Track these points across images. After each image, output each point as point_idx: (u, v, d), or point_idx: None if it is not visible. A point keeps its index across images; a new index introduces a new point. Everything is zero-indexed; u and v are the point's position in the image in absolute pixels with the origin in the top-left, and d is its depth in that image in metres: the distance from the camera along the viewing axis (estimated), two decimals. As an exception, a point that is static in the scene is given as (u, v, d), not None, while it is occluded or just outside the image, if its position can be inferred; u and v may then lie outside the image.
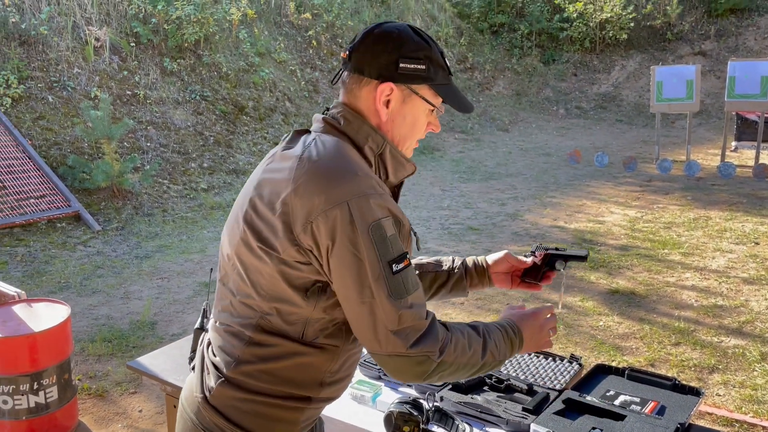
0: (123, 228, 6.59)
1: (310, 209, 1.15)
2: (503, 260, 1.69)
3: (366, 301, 1.16)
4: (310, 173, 1.18)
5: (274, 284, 1.20)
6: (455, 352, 1.23)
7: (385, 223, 1.16)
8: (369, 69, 1.28)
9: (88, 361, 3.89)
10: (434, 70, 1.29)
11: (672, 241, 6.04)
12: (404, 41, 1.27)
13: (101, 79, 8.63)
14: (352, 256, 1.15)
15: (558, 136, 12.47)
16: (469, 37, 15.72)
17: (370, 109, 1.30)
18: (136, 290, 5.09)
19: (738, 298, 4.68)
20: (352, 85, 1.30)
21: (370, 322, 1.17)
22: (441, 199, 7.98)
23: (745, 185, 8.19)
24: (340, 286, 1.18)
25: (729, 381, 3.55)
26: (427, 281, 1.64)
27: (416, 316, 1.18)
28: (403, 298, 1.16)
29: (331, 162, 1.19)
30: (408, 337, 1.17)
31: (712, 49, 14.75)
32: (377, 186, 1.19)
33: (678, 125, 12.84)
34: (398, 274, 1.17)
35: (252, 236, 1.22)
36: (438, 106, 1.34)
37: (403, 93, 1.29)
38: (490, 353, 1.30)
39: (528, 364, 2.04)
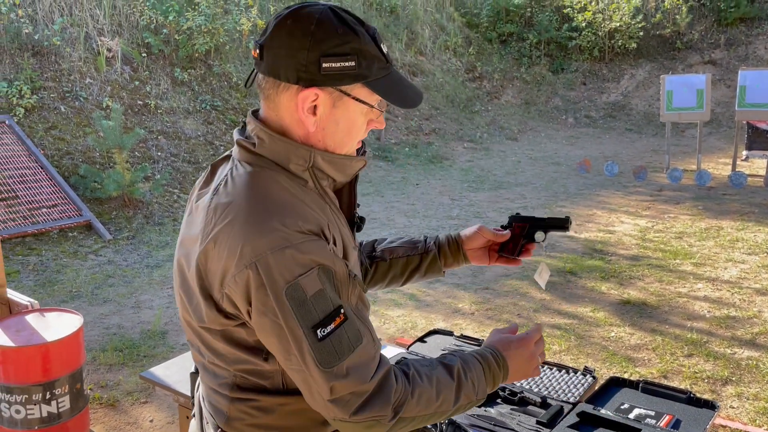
0: (134, 237, 6.63)
1: (222, 273, 1.03)
2: (477, 235, 1.55)
3: (295, 368, 1.04)
4: (217, 229, 1.04)
5: (229, 351, 1.10)
6: (418, 406, 1.09)
7: (305, 282, 1.00)
8: (285, 71, 1.07)
9: (100, 371, 3.91)
10: (366, 65, 1.08)
11: (683, 251, 6.00)
12: (325, 34, 1.05)
13: (113, 89, 8.70)
14: (271, 322, 1.01)
15: (567, 145, 12.45)
16: (477, 47, 15.75)
17: (294, 119, 1.11)
18: (146, 299, 5.11)
19: (751, 309, 4.64)
20: (269, 91, 1.11)
21: (305, 389, 1.05)
22: (450, 208, 7.98)
23: (756, 195, 8.13)
24: (267, 346, 1.06)
25: (743, 393, 3.52)
26: (399, 267, 1.52)
27: (355, 383, 1.03)
28: (334, 366, 1.01)
29: (240, 211, 1.04)
30: (348, 405, 1.03)
31: (722, 58, 14.71)
32: (298, 231, 1.02)
33: (688, 134, 12.79)
34: (326, 339, 1.01)
35: (189, 306, 1.13)
36: (377, 104, 1.14)
37: (332, 96, 1.09)
38: (465, 396, 1.15)
39: (541, 377, 2.03)
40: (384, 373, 1.07)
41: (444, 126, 12.65)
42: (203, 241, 1.06)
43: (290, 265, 0.99)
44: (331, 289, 1.03)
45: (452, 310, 4.80)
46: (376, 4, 14.13)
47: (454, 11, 16.09)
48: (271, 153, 1.11)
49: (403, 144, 11.44)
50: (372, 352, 1.07)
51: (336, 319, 1.02)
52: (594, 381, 2.02)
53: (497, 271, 5.51)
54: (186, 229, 1.17)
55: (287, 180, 1.10)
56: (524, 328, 4.39)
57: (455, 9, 16.18)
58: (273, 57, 1.07)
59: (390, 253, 1.53)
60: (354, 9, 13.26)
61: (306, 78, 1.06)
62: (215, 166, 1.21)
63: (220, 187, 1.10)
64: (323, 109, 1.09)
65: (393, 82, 1.13)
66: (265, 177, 1.09)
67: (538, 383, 1.99)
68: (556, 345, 4.15)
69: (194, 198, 1.19)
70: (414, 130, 12.01)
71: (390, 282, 1.54)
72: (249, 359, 1.10)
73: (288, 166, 1.11)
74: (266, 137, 1.11)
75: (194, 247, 1.08)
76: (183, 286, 1.15)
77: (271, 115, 1.13)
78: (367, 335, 1.07)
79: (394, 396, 1.06)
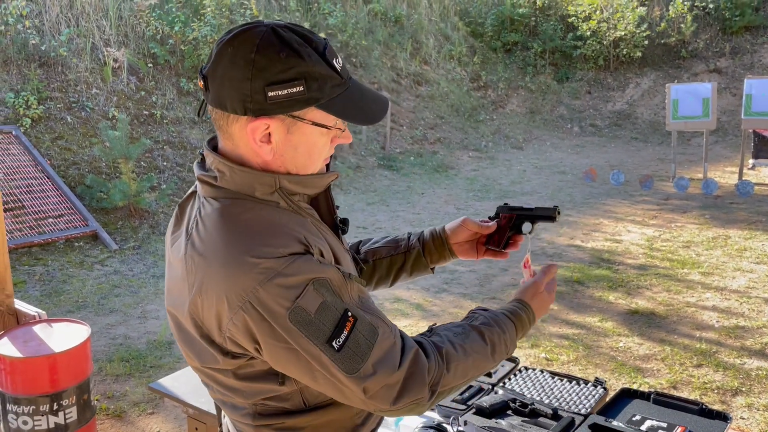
0: (140, 247, 6.64)
1: (218, 318, 1.01)
2: (462, 228, 1.48)
3: (324, 382, 1.03)
4: (200, 277, 1.02)
5: (244, 386, 1.09)
6: (455, 379, 1.10)
7: (304, 302, 0.98)
8: (231, 103, 1.02)
9: (106, 381, 3.90)
10: (318, 86, 1.02)
11: (691, 261, 5.97)
12: (267, 61, 1.00)
13: (119, 99, 8.74)
14: (285, 350, 1.00)
15: (573, 154, 12.43)
16: (482, 56, 15.78)
17: (249, 148, 1.06)
18: (153, 309, 5.10)
19: (760, 318, 4.61)
20: (220, 122, 1.06)
21: (340, 396, 1.05)
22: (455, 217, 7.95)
23: (763, 204, 8.10)
24: (288, 373, 1.05)
25: (753, 404, 3.48)
26: (383, 268, 1.48)
27: (384, 376, 1.02)
28: (360, 368, 1.01)
29: (219, 253, 1.01)
30: (386, 397, 1.03)
31: (728, 66, 14.69)
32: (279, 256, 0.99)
33: (694, 143, 12.76)
34: (344, 347, 1.00)
35: (193, 355, 1.11)
36: (336, 124, 1.09)
37: (285, 123, 1.04)
38: (498, 355, 1.18)
39: (552, 388, 2.01)
40: (412, 357, 1.05)
41: (449, 135, 12.66)
42: (189, 292, 1.04)
43: (283, 292, 0.97)
44: (332, 297, 1.01)
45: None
46: (380, 14, 14.18)
47: (459, 21, 16.13)
48: (234, 185, 1.08)
49: (408, 153, 11.44)
50: (392, 339, 1.06)
51: (347, 324, 1.00)
52: (605, 392, 2.00)
53: (504, 280, 5.48)
54: (169, 277, 1.15)
55: (257, 206, 1.07)
56: (532, 338, 4.37)
57: (460, 18, 16.23)
58: (217, 88, 1.03)
59: (373, 254, 1.48)
60: (358, 19, 13.33)
61: (253, 108, 1.01)
62: (182, 205, 1.18)
63: (192, 231, 1.07)
64: (278, 136, 1.05)
65: (350, 98, 1.07)
66: (234, 210, 1.05)
67: (549, 395, 1.97)
68: (565, 355, 4.13)
69: (169, 244, 1.16)
70: (419, 139, 12.02)
71: (377, 284, 1.50)
72: (265, 388, 1.09)
73: (254, 194, 1.07)
74: (226, 170, 1.07)
75: (183, 299, 1.07)
76: (181, 336, 1.13)
77: (227, 145, 1.09)
78: (381, 325, 1.05)
79: (428, 376, 1.06)
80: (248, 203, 1.07)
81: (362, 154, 10.79)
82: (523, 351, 4.18)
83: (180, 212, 1.17)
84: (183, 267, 1.07)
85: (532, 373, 2.12)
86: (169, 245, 1.16)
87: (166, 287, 1.16)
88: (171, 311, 1.14)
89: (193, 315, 1.05)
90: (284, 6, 12.33)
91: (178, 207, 1.19)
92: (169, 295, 1.14)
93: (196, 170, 1.14)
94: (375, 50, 13.34)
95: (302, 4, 12.61)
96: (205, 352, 1.07)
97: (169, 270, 1.15)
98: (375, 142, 11.37)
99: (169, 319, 1.16)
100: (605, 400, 1.96)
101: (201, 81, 1.07)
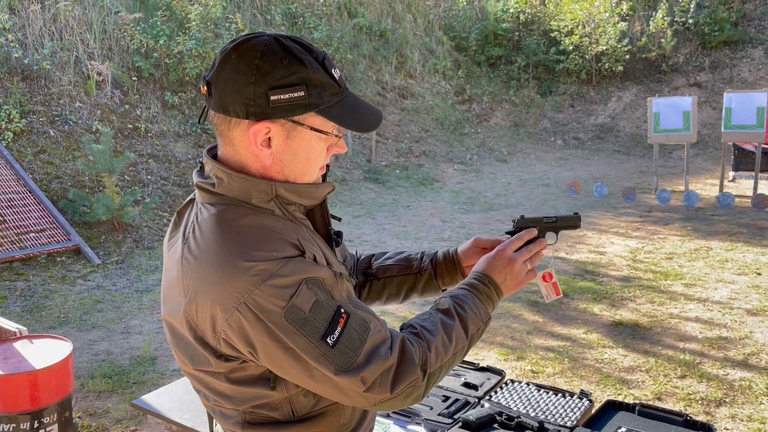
0: (123, 262, 6.57)
1: (212, 321, 1.03)
2: (473, 248, 1.47)
3: (321, 381, 1.04)
4: (195, 279, 1.04)
5: (235, 391, 1.11)
6: (438, 357, 1.13)
7: (299, 300, 1.00)
8: (234, 107, 1.06)
9: (88, 398, 3.84)
10: (318, 93, 1.07)
11: (674, 272, 6.03)
12: (271, 66, 1.04)
13: (103, 112, 8.69)
14: (281, 349, 1.02)
15: (556, 166, 12.53)
16: (466, 70, 15.91)
17: (249, 153, 1.10)
18: (136, 325, 5.05)
19: (742, 329, 4.65)
20: (221, 127, 1.10)
21: (338, 394, 1.07)
22: (441, 230, 7.99)
23: (744, 215, 8.20)
24: (285, 375, 1.06)
25: (737, 415, 3.51)
26: (393, 287, 1.49)
27: (380, 365, 1.05)
28: (354, 362, 1.03)
29: (214, 256, 1.03)
30: (383, 385, 1.06)
31: (707, 80, 14.93)
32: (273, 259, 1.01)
33: (675, 155, 12.92)
34: (338, 343, 1.03)
35: (185, 359, 1.13)
36: (334, 131, 1.13)
37: (285, 127, 1.08)
38: (473, 325, 1.20)
39: (538, 401, 2.02)
40: (400, 343, 1.10)
41: (434, 148, 12.71)
42: (185, 295, 1.06)
43: (278, 293, 0.99)
44: (324, 295, 1.04)
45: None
46: (366, 28, 14.26)
47: (443, 35, 16.26)
48: (231, 191, 1.10)
49: (394, 166, 11.47)
50: (382, 330, 1.10)
51: (340, 320, 1.03)
52: (590, 404, 2.01)
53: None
54: (165, 283, 1.16)
55: (253, 213, 1.09)
56: (518, 351, 4.38)
57: (444, 33, 16.37)
58: (220, 93, 1.06)
59: (384, 271, 1.49)
60: (344, 33, 13.39)
61: (255, 112, 1.05)
62: (181, 212, 1.20)
63: (189, 236, 1.10)
64: (278, 141, 1.08)
65: (347, 106, 1.11)
66: (230, 215, 1.08)
67: (535, 407, 1.97)
68: (550, 367, 4.14)
69: (166, 248, 1.18)
70: (404, 152, 12.06)
71: (387, 300, 1.52)
72: (256, 393, 1.10)
73: (251, 201, 1.10)
74: (224, 176, 1.10)
75: (178, 302, 1.09)
76: (175, 341, 1.15)
77: (227, 151, 1.12)
78: (372, 319, 1.09)
79: (417, 358, 1.10)
80: (244, 209, 1.09)
81: (348, 167, 10.80)
82: (509, 363, 4.19)
83: (178, 218, 1.20)
84: (179, 270, 1.09)
85: (518, 386, 2.12)
86: (166, 250, 1.18)
87: (162, 293, 1.18)
88: (167, 319, 1.15)
89: (188, 317, 1.06)
90: (269, 20, 12.37)
91: (176, 213, 1.21)
92: (165, 302, 1.16)
93: (195, 178, 1.17)
94: (360, 64, 13.40)
95: (288, 18, 12.66)
96: (199, 354, 1.09)
97: (166, 274, 1.17)
98: (361, 155, 11.39)
99: (165, 327, 1.17)
100: (591, 413, 1.97)
101: (204, 87, 1.09)
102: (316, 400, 1.14)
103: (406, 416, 1.92)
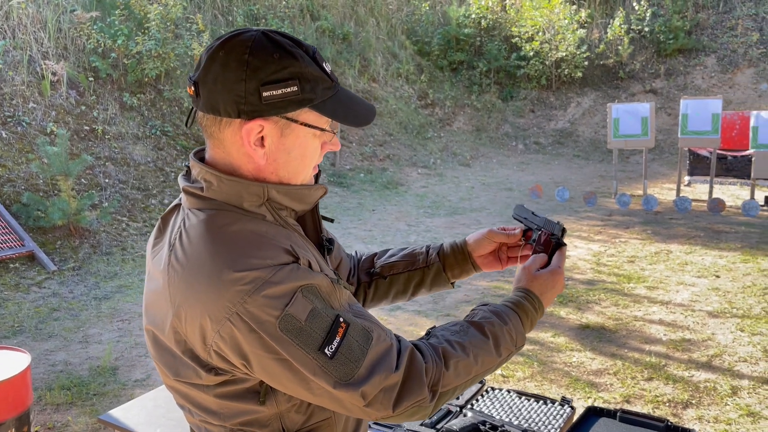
0: (80, 268, 6.36)
1: (202, 333, 0.97)
2: (487, 240, 1.41)
3: (319, 394, 0.98)
4: (183, 288, 0.98)
5: (223, 406, 1.04)
6: (457, 378, 1.05)
7: (294, 309, 0.94)
8: (225, 106, 1.00)
9: (46, 411, 3.68)
10: (310, 87, 1.02)
11: (636, 275, 6.13)
12: (261, 61, 0.99)
13: (58, 114, 8.41)
14: (276, 361, 0.96)
15: (518, 171, 12.68)
16: (429, 74, 15.98)
17: (241, 154, 1.04)
18: (95, 333, 4.88)
19: (704, 331, 4.75)
20: (211, 128, 1.04)
21: (337, 407, 1.00)
22: (407, 234, 7.97)
23: (701, 219, 8.42)
24: (282, 388, 1.00)
25: (703, 416, 3.57)
26: (400, 284, 1.42)
27: (381, 378, 0.98)
28: (354, 374, 0.97)
29: (203, 265, 0.97)
30: (385, 402, 0.99)
31: (663, 87, 15.32)
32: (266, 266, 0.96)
33: (632, 160, 13.21)
34: (337, 354, 0.96)
35: (170, 372, 1.06)
36: (328, 127, 1.09)
37: (279, 125, 1.03)
38: (505, 350, 1.12)
39: (520, 409, 2.00)
40: (408, 357, 1.02)
41: (398, 152, 12.72)
42: (172, 305, 1.00)
43: (271, 302, 0.94)
44: (321, 304, 0.98)
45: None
46: (329, 31, 14.19)
47: (406, 39, 16.30)
48: (221, 195, 1.05)
49: (358, 170, 11.42)
50: (387, 342, 1.02)
51: (339, 330, 0.97)
52: (572, 411, 1.99)
53: (458, 297, 5.49)
54: (148, 292, 1.10)
55: (244, 218, 1.03)
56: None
57: (407, 37, 16.41)
58: (209, 92, 1.01)
59: (389, 269, 1.43)
60: (307, 36, 13.30)
61: (247, 110, 0.99)
62: (165, 217, 1.14)
63: (176, 242, 1.03)
64: (271, 139, 1.03)
65: (340, 101, 1.07)
66: (220, 221, 1.02)
67: (518, 416, 1.95)
68: (520, 372, 4.14)
69: (150, 256, 1.12)
70: (368, 156, 12.03)
71: (394, 298, 1.45)
72: (245, 408, 1.03)
73: (242, 205, 1.05)
74: (213, 179, 1.05)
75: (164, 313, 1.02)
76: (158, 353, 1.08)
77: (217, 153, 1.07)
78: (375, 329, 1.02)
79: (426, 376, 1.02)
80: (234, 214, 1.03)
81: (311, 170, 10.70)
82: (479, 368, 4.18)
83: (163, 224, 1.13)
84: (165, 279, 1.02)
85: (499, 393, 2.10)
86: (150, 258, 1.11)
87: (144, 303, 1.11)
88: (149, 329, 1.08)
89: (176, 328, 1.00)
90: (231, 21, 12.19)
91: (160, 219, 1.14)
92: (147, 312, 1.09)
93: (181, 182, 1.10)
94: (323, 67, 13.31)
95: (250, 20, 12.50)
96: (186, 367, 1.02)
97: (149, 283, 1.10)
98: (325, 158, 11.28)
99: (146, 338, 1.10)
100: (572, 420, 1.96)
101: (191, 88, 1.04)
102: (307, 416, 1.08)
103: (387, 426, 1.88)
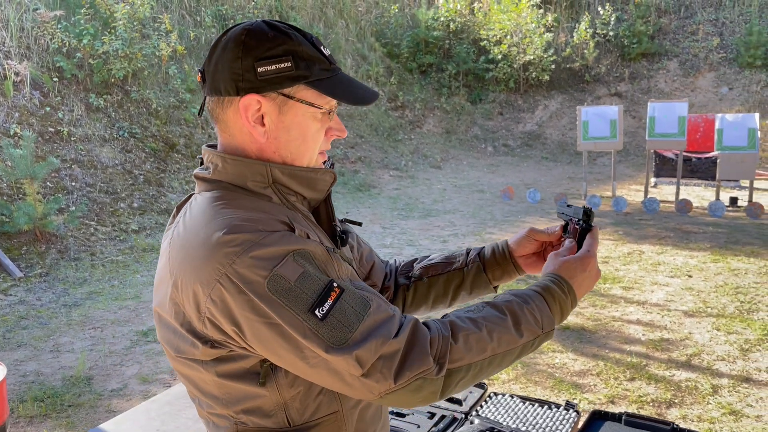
0: (48, 274, 6.16)
1: (196, 300, 0.98)
2: (528, 240, 1.37)
3: (314, 363, 0.96)
4: (180, 258, 1.01)
5: (223, 388, 1.04)
6: (468, 352, 1.00)
7: (283, 270, 0.94)
8: (225, 85, 1.05)
9: (20, 424, 3.53)
10: (306, 65, 1.04)
11: (611, 276, 6.20)
12: (256, 41, 1.04)
13: (21, 115, 8.15)
14: (267, 325, 0.94)
15: (489, 173, 12.76)
16: (399, 77, 15.98)
17: (244, 134, 1.08)
18: (66, 342, 4.72)
19: (682, 331, 4.82)
20: (216, 111, 1.09)
21: (335, 379, 0.97)
22: (382, 236, 7.93)
23: (670, 220, 8.58)
24: (279, 360, 0.98)
25: (687, 415, 3.61)
26: (440, 286, 1.38)
27: (379, 343, 0.95)
28: (348, 338, 0.94)
29: (196, 236, 0.99)
30: (385, 372, 0.95)
31: (627, 90, 15.61)
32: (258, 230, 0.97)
33: (600, 162, 13.42)
34: (328, 316, 0.94)
35: (171, 349, 1.07)
36: (326, 106, 1.09)
37: (276, 102, 1.05)
38: (527, 331, 1.06)
39: (526, 414, 1.98)
40: (411, 326, 0.99)
41: (369, 154, 12.68)
42: (171, 276, 1.02)
43: (261, 262, 0.94)
44: (314, 269, 0.97)
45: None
46: (297, 32, 14.08)
47: (375, 42, 16.28)
48: (226, 176, 1.08)
49: (329, 172, 11.34)
50: (388, 311, 1.00)
51: (331, 293, 0.96)
52: (578, 416, 1.98)
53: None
54: (157, 272, 1.12)
55: (248, 197, 1.06)
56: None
57: (376, 39, 16.39)
58: (212, 75, 1.07)
59: (427, 271, 1.39)
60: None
61: (245, 87, 1.04)
62: (180, 206, 1.16)
63: (179, 220, 1.08)
64: (270, 117, 1.06)
65: (340, 81, 1.09)
66: (222, 197, 1.05)
67: (524, 422, 1.93)
68: (505, 374, 4.14)
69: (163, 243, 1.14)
70: (340, 158, 11.96)
71: (434, 302, 1.41)
72: (246, 391, 1.03)
73: (246, 185, 1.07)
74: (219, 161, 1.09)
75: (165, 287, 1.05)
76: (163, 332, 1.09)
77: (224, 138, 1.11)
78: (375, 299, 1.00)
79: (432, 347, 0.98)
80: (237, 193, 1.07)
81: (283, 173, 10.59)
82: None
83: (176, 212, 1.16)
84: (167, 254, 1.06)
85: (502, 399, 2.08)
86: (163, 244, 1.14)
87: (154, 285, 1.12)
88: (156, 310, 1.09)
89: (174, 299, 1.02)
90: (199, 21, 12.00)
91: (175, 208, 1.17)
92: (155, 293, 1.11)
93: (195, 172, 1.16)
94: (293, 69, 13.20)
95: (218, 20, 12.33)
96: (184, 340, 1.03)
97: (158, 264, 1.12)
98: (295, 161, 11.20)
99: (155, 320, 1.12)
100: (578, 425, 1.94)
101: (199, 76, 1.10)
102: (313, 407, 1.05)
103: None
